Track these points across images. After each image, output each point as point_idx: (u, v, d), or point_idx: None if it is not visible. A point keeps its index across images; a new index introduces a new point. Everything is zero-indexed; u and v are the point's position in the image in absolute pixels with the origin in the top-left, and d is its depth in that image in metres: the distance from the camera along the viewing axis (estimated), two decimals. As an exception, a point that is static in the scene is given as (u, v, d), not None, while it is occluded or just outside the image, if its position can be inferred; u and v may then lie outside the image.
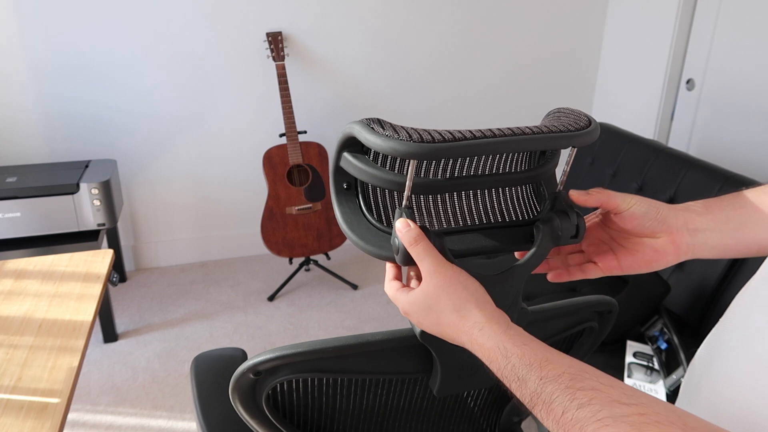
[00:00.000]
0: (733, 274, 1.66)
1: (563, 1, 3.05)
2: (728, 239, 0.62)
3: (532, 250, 0.62)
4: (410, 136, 0.51)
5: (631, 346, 1.66)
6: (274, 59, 2.54)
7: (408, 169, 0.57)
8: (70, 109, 2.56)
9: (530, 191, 0.65)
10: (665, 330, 1.63)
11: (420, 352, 0.66)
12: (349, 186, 0.61)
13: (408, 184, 0.56)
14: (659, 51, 2.82)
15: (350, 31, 2.79)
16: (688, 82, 2.75)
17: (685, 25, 2.71)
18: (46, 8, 2.40)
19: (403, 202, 0.57)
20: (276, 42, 2.55)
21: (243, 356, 1.04)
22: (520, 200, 0.65)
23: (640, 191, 2.01)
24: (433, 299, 0.55)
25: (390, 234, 0.59)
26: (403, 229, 0.56)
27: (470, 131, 0.54)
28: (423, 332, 0.61)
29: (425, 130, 0.53)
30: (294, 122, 2.48)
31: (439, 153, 0.52)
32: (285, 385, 0.65)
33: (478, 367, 0.54)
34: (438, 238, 0.56)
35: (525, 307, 0.66)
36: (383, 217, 0.61)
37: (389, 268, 0.62)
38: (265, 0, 2.62)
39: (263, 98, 2.77)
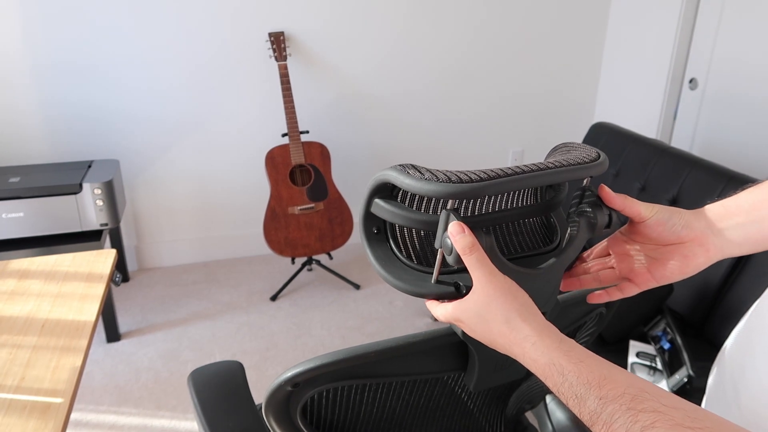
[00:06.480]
0: (736, 274, 1.65)
1: (566, 1, 3.05)
2: (752, 231, 0.62)
3: (569, 241, 0.64)
4: (449, 178, 0.55)
5: (634, 346, 1.66)
6: (276, 59, 2.54)
7: (434, 208, 0.61)
8: (73, 110, 2.56)
9: (542, 221, 0.70)
10: (668, 330, 1.62)
11: (456, 350, 0.67)
12: (379, 230, 0.64)
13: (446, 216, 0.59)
14: (662, 50, 2.81)
15: (352, 30, 2.79)
16: (691, 81, 2.75)
17: (688, 23, 2.70)
18: (50, 10, 2.40)
19: (448, 205, 0.58)
20: (278, 42, 2.55)
21: (240, 369, 1.02)
22: (535, 230, 0.69)
23: (643, 191, 2.01)
24: (484, 308, 0.55)
25: (424, 272, 0.61)
26: (457, 234, 0.56)
27: (492, 170, 0.57)
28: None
29: (458, 172, 0.56)
30: (296, 122, 2.48)
31: (477, 191, 0.55)
32: (316, 395, 0.65)
33: (512, 360, 0.55)
34: (488, 236, 0.57)
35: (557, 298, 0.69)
36: (413, 257, 0.63)
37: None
38: (267, 0, 2.62)
39: (265, 98, 2.77)
